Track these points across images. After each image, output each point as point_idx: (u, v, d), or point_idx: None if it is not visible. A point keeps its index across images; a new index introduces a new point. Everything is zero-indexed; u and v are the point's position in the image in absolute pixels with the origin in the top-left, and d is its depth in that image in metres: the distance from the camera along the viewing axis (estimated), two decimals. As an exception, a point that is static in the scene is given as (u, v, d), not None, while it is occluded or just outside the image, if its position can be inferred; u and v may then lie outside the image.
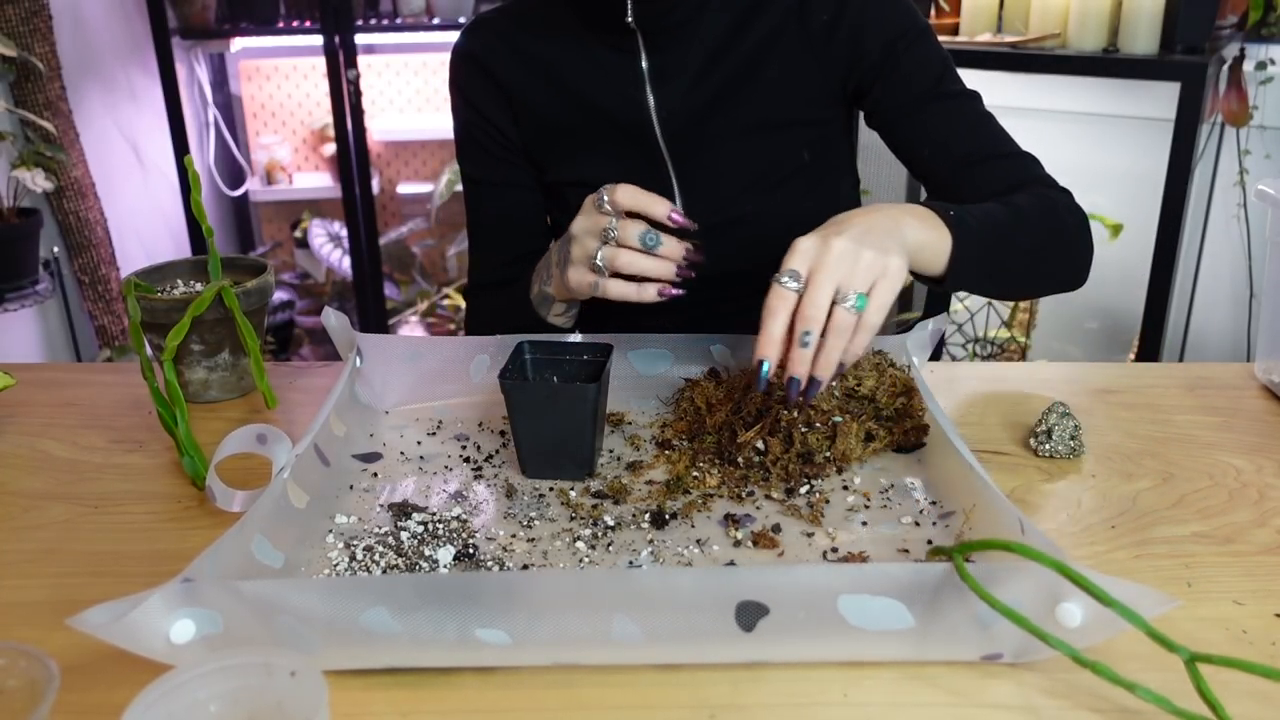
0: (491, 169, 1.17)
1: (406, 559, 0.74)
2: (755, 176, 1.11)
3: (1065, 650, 0.59)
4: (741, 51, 1.08)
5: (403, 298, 3.22)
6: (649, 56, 1.07)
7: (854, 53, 1.08)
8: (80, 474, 0.90)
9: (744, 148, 1.10)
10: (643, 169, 1.11)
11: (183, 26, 2.77)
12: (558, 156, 1.14)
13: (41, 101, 2.24)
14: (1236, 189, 2.44)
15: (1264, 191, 1.01)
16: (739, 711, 0.61)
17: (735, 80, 1.09)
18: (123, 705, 0.50)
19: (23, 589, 0.74)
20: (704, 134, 1.10)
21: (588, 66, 1.09)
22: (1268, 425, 0.97)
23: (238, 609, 0.60)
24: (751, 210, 1.11)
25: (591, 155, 1.12)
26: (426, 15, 2.86)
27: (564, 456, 0.86)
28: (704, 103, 1.09)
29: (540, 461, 0.87)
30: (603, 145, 1.12)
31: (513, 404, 0.85)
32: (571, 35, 1.10)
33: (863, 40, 1.07)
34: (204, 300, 0.95)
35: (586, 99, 1.10)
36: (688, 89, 1.08)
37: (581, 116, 1.11)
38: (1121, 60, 2.17)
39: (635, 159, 1.11)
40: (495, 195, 1.18)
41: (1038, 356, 2.68)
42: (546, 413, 0.84)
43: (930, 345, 1.00)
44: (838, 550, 0.76)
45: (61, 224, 2.35)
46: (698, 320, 1.12)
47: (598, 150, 1.12)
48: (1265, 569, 0.75)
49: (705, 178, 1.11)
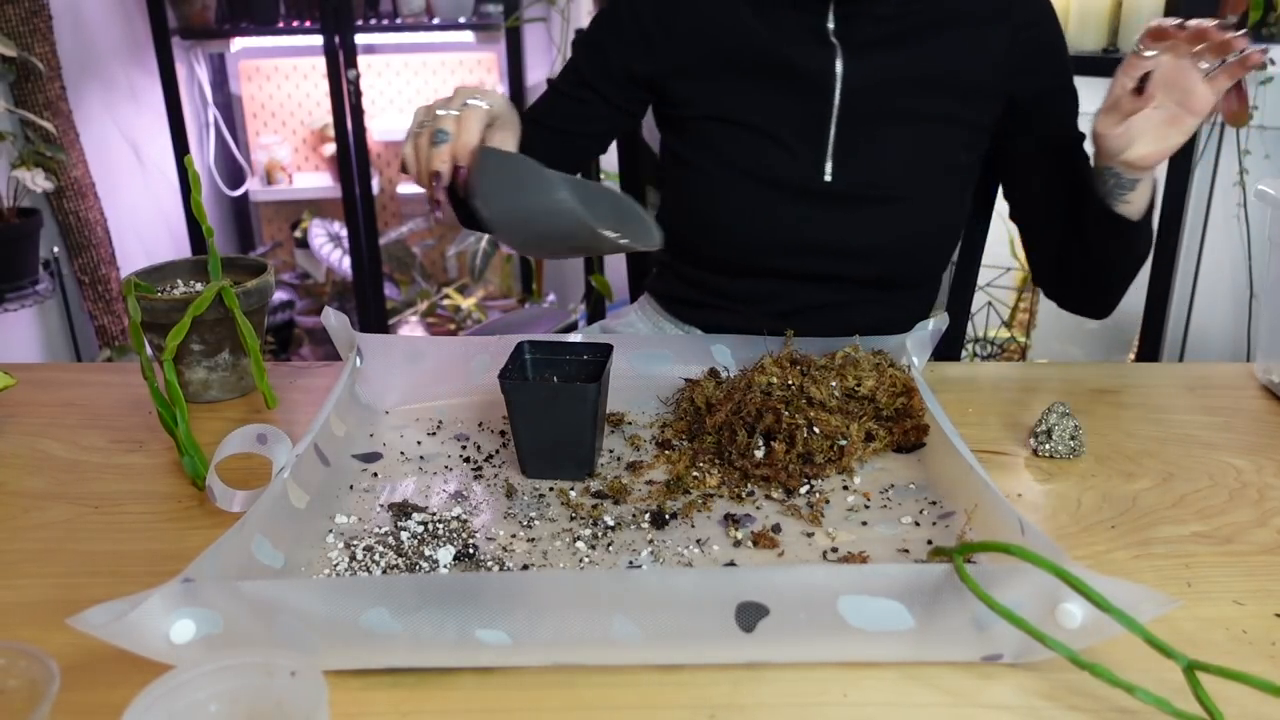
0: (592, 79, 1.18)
1: (406, 559, 0.74)
2: (911, 162, 1.12)
3: (1064, 652, 0.59)
4: (934, 37, 1.11)
5: (403, 298, 3.22)
6: (836, 21, 1.10)
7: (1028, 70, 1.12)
8: (80, 474, 0.90)
9: (909, 131, 1.12)
10: (803, 125, 1.12)
11: (183, 26, 2.77)
12: (713, 90, 1.14)
13: (41, 101, 2.24)
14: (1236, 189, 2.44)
15: (1264, 191, 1.01)
16: (739, 711, 0.61)
17: (923, 63, 1.11)
18: (123, 705, 0.50)
19: (23, 589, 0.74)
20: (878, 108, 1.11)
21: (774, 16, 1.11)
22: (1268, 425, 0.97)
23: (238, 609, 0.60)
24: (900, 194, 1.13)
25: (751, 98, 1.13)
26: (426, 15, 2.86)
27: (564, 456, 0.86)
28: (888, 78, 1.11)
29: (540, 461, 0.86)
30: (771, 95, 1.12)
31: (513, 404, 0.85)
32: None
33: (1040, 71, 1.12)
34: (204, 300, 0.95)
35: (768, 46, 1.11)
36: (878, 61, 1.10)
37: (758, 61, 1.12)
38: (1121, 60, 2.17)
39: (801, 113, 1.12)
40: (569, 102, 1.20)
41: (1038, 356, 2.68)
42: (546, 413, 0.84)
43: (930, 345, 1.00)
44: (838, 550, 0.76)
45: (61, 224, 2.35)
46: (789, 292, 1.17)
47: (759, 96, 1.13)
48: (1265, 569, 0.75)
49: (863, 149, 1.12)
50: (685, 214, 1.19)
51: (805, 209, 1.13)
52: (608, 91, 1.18)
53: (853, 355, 0.94)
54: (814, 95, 1.11)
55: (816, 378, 0.90)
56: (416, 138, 0.94)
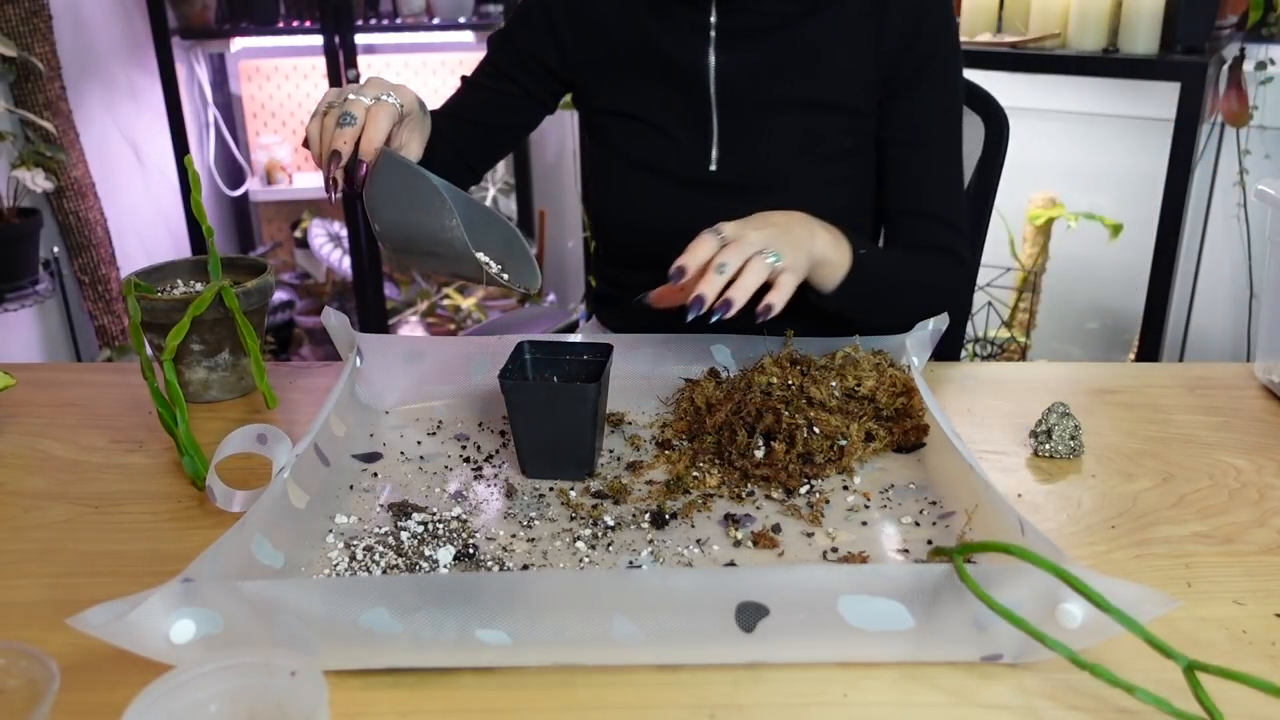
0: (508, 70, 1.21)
1: (406, 559, 0.74)
2: (794, 149, 1.15)
3: (1064, 652, 0.59)
4: (809, 26, 1.12)
5: (403, 298, 3.22)
6: (719, 15, 1.12)
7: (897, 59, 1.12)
8: (80, 474, 0.90)
9: (789, 119, 1.14)
10: (688, 117, 1.16)
11: (183, 26, 2.76)
12: (609, 85, 1.19)
13: (41, 101, 2.24)
14: (1236, 189, 2.44)
15: (1264, 191, 1.01)
16: (739, 711, 0.61)
17: (796, 51, 1.12)
18: (123, 705, 0.50)
19: (23, 589, 0.74)
20: (755, 97, 1.14)
21: (662, 11, 1.14)
22: (1268, 425, 0.97)
23: (238, 609, 0.60)
24: (785, 181, 1.15)
25: (641, 93, 1.17)
26: (426, 15, 2.86)
27: (564, 456, 0.86)
28: (762, 67, 1.13)
29: (540, 461, 0.87)
30: (655, 87, 1.16)
31: (512, 404, 0.85)
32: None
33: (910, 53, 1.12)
34: (204, 300, 0.95)
35: (652, 40, 1.14)
36: (749, 51, 1.12)
37: (644, 56, 1.16)
38: (1121, 60, 2.17)
39: (682, 106, 1.15)
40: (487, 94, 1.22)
41: (1038, 356, 2.68)
42: (546, 413, 0.84)
43: (930, 345, 1.00)
44: (838, 550, 0.76)
45: (61, 224, 2.35)
46: None
47: (649, 90, 1.17)
48: (1265, 569, 0.75)
49: (745, 138, 1.15)
50: (595, 208, 1.25)
51: (695, 199, 1.16)
52: (524, 81, 1.21)
53: (853, 355, 0.94)
54: (692, 87, 1.14)
55: (816, 378, 0.90)
56: (323, 116, 0.95)
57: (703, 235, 0.88)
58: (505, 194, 3.11)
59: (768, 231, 0.89)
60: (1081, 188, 2.57)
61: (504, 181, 3.12)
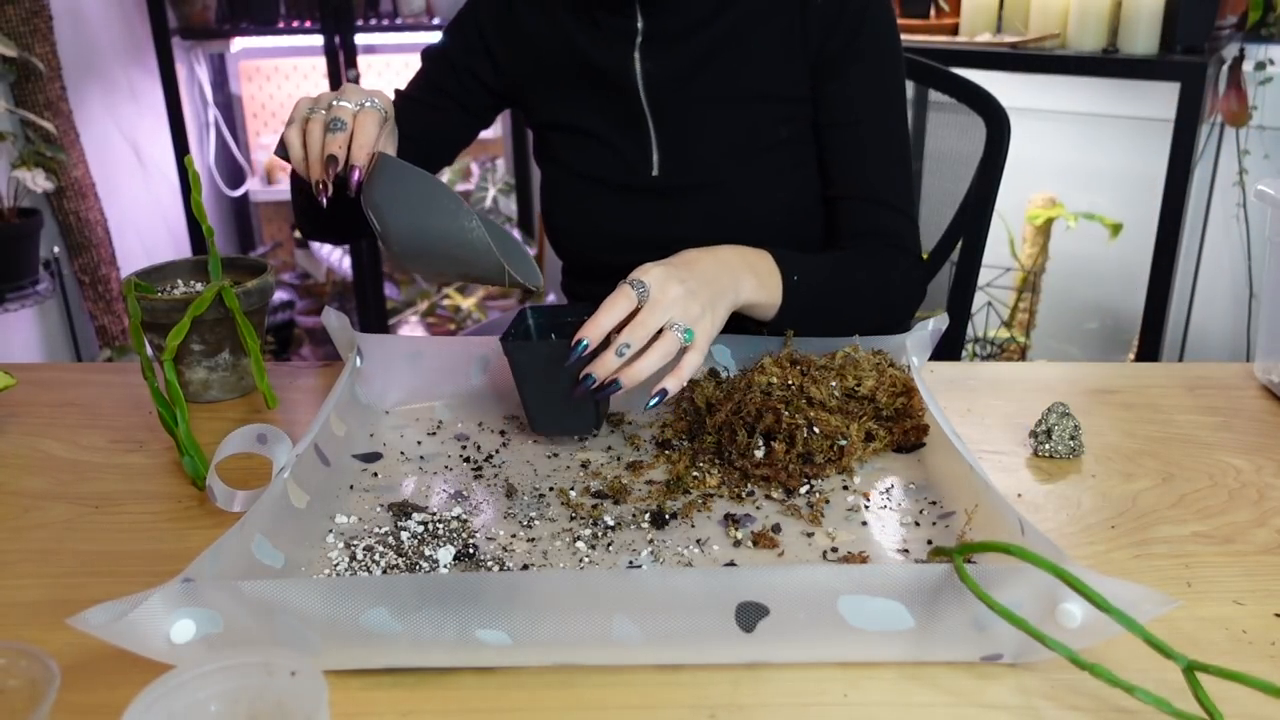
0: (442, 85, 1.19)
1: (406, 559, 0.74)
2: (732, 145, 1.14)
3: (1064, 652, 0.59)
4: (731, 18, 1.11)
5: (403, 298, 3.22)
6: (644, 19, 1.11)
7: (823, 39, 1.11)
8: (80, 474, 0.90)
9: (722, 115, 1.13)
10: (624, 124, 1.15)
11: (183, 26, 2.77)
12: (546, 99, 1.19)
13: (41, 101, 2.24)
14: (1236, 189, 2.44)
15: (1264, 191, 1.01)
16: (739, 711, 0.61)
17: (720, 46, 1.12)
18: (123, 705, 0.50)
19: (23, 589, 0.74)
20: (685, 97, 1.13)
21: (588, 22, 1.13)
22: (1268, 425, 0.97)
23: (238, 609, 0.60)
24: (726, 178, 1.14)
25: (577, 104, 1.17)
26: (426, 15, 2.86)
27: (571, 411, 0.89)
28: (687, 66, 1.12)
29: (548, 418, 0.89)
30: (589, 97, 1.16)
31: (517, 365, 0.88)
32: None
33: (836, 31, 1.10)
34: (204, 300, 0.95)
35: (579, 51, 1.14)
36: (673, 51, 1.12)
37: (575, 67, 1.15)
38: (1121, 60, 2.17)
39: (618, 114, 1.15)
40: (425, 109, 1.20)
41: (1038, 356, 2.68)
42: (551, 370, 0.86)
43: (930, 345, 1.00)
44: (838, 550, 0.76)
45: (61, 224, 2.35)
46: None
47: (584, 101, 1.16)
48: (1265, 569, 0.75)
49: (683, 140, 1.14)
50: (549, 224, 1.24)
51: (639, 205, 1.16)
52: (459, 96, 1.20)
53: (853, 355, 0.94)
54: (622, 93, 1.13)
55: (816, 378, 0.90)
56: (306, 123, 0.93)
57: (619, 290, 0.84)
58: (505, 194, 3.11)
59: (689, 285, 0.86)
60: (1081, 188, 2.57)
61: (504, 182, 3.12)
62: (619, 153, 1.16)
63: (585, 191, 1.18)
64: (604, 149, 1.16)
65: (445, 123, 1.21)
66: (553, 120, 1.19)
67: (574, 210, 1.20)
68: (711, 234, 1.08)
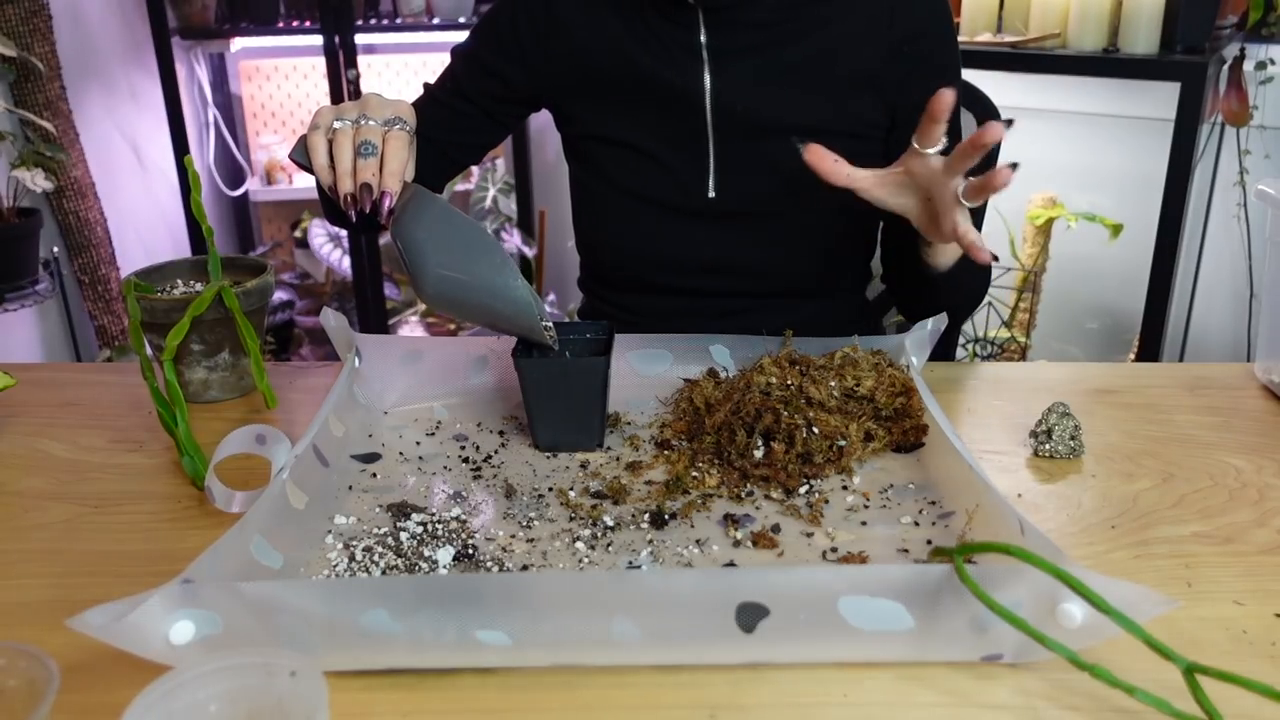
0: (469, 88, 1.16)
1: (406, 559, 0.74)
2: (791, 175, 1.09)
3: (1064, 653, 0.59)
4: (812, 47, 1.07)
5: (403, 298, 3.22)
6: (708, 32, 1.07)
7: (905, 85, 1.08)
8: (80, 474, 0.90)
9: (787, 143, 1.09)
10: (684, 144, 1.11)
11: (183, 26, 2.77)
12: (593, 111, 1.14)
13: (41, 101, 2.24)
14: (1236, 189, 2.44)
15: (1264, 191, 1.01)
16: (739, 711, 0.61)
17: (799, 73, 1.08)
18: (123, 705, 0.50)
19: (23, 589, 0.74)
20: (753, 120, 1.09)
21: (645, 33, 1.09)
22: (1268, 425, 0.97)
23: (237, 609, 0.60)
24: (786, 208, 1.11)
25: (630, 119, 1.12)
26: (426, 15, 2.86)
27: (575, 427, 0.90)
28: (761, 87, 1.08)
29: (553, 433, 0.90)
30: (645, 112, 1.11)
31: (528, 380, 0.88)
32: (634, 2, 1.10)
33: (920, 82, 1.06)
34: (204, 300, 0.95)
35: (638, 64, 1.09)
36: (745, 69, 1.08)
37: (630, 81, 1.10)
38: (1121, 60, 2.17)
39: (678, 130, 1.10)
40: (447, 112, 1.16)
41: (1038, 356, 2.68)
42: (560, 387, 0.88)
43: (930, 345, 1.00)
44: (837, 550, 0.76)
45: (61, 224, 2.35)
46: (699, 309, 1.12)
47: (638, 115, 1.11)
48: (1265, 569, 0.75)
49: (744, 165, 1.10)
50: (583, 232, 1.20)
51: (690, 227, 1.12)
52: (485, 102, 1.16)
53: (852, 355, 0.94)
54: (687, 111, 1.09)
55: (815, 378, 0.90)
56: (337, 137, 0.91)
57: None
58: (505, 194, 3.11)
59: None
60: (1081, 188, 2.57)
61: (504, 182, 3.12)
62: (672, 172, 1.11)
63: (631, 209, 1.13)
64: (656, 167, 1.12)
65: (467, 127, 1.17)
66: (600, 133, 1.14)
67: (615, 227, 1.16)
68: (762, 259, 1.07)
